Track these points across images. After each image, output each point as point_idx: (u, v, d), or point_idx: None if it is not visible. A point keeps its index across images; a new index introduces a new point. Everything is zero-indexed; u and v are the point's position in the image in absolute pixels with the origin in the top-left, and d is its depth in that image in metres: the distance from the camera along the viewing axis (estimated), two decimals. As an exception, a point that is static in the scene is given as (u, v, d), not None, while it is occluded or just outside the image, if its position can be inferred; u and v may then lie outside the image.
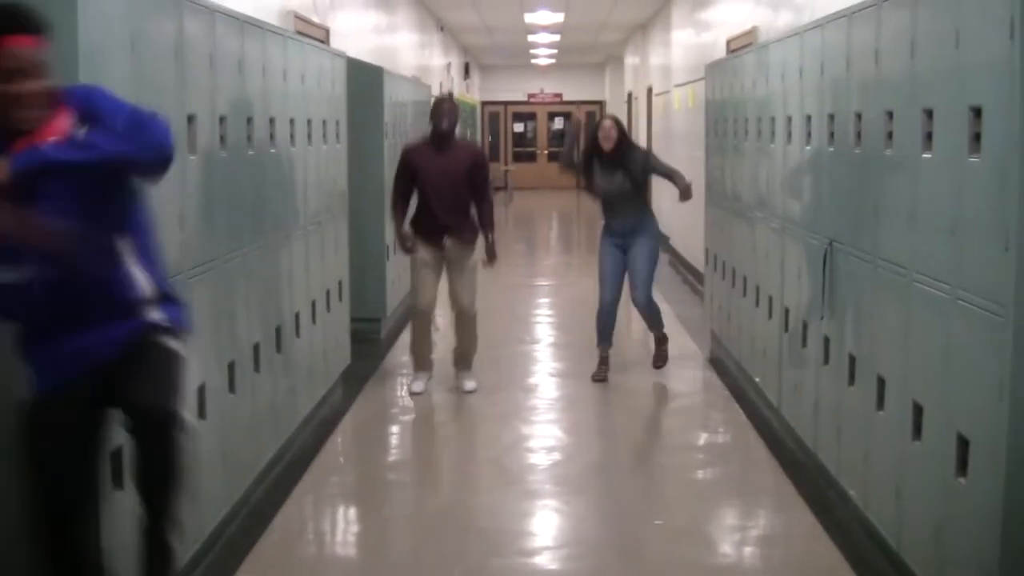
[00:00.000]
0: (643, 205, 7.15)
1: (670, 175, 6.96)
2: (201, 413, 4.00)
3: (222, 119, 4.32)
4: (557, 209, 22.46)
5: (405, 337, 7.53)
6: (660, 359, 7.33)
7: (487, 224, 6.67)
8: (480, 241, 6.70)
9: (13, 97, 2.72)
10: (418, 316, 6.78)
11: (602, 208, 7.09)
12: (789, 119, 5.55)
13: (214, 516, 4.18)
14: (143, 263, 2.97)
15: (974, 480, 3.24)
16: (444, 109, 6.59)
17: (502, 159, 27.52)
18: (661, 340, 7.33)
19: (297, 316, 5.49)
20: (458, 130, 6.78)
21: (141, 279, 2.96)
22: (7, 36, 2.70)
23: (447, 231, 6.58)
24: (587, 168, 7.03)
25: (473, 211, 6.65)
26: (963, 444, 3.28)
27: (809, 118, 5.16)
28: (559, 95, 28.01)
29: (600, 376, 7.14)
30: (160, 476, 2.93)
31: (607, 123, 6.94)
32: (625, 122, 19.83)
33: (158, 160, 2.87)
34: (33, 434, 2.91)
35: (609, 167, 6.90)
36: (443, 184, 6.51)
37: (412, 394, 6.76)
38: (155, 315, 2.99)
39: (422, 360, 6.86)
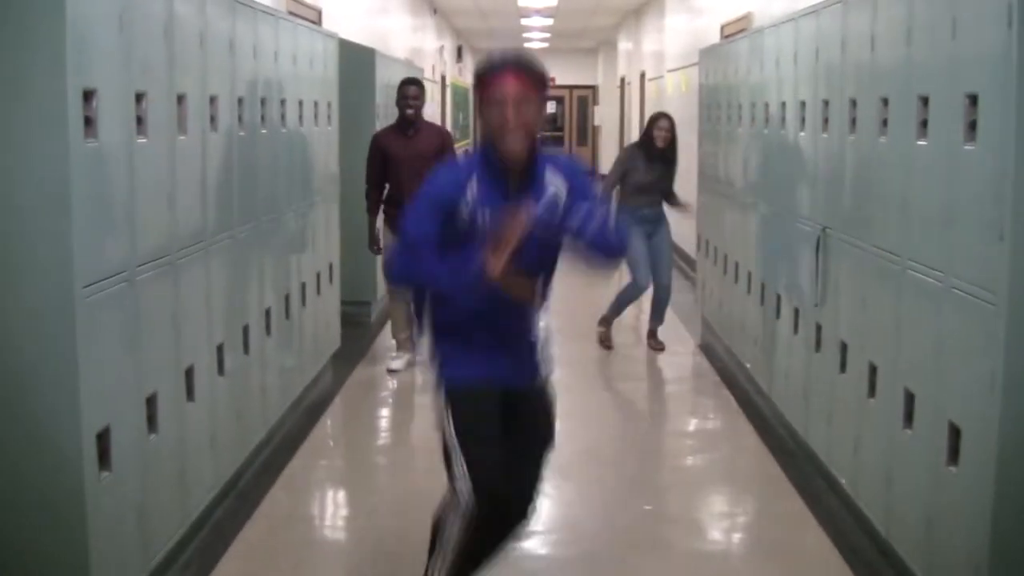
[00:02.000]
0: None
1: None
2: (190, 395, 3.98)
3: (212, 99, 4.28)
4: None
5: (395, 320, 7.53)
6: (659, 345, 7.71)
7: None
8: None
9: (511, 127, 2.97)
10: (395, 296, 6.84)
11: (633, 196, 7.47)
12: (783, 105, 5.52)
13: (201, 499, 4.16)
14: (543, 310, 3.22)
15: (965, 469, 3.23)
16: (409, 93, 6.72)
17: (494, 143, 27.43)
18: (654, 331, 7.77)
19: (287, 299, 5.46)
20: (428, 111, 6.85)
21: (541, 323, 3.22)
22: (511, 71, 2.98)
23: None
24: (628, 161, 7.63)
25: None
26: (955, 433, 3.27)
27: (803, 104, 5.13)
28: (552, 79, 27.87)
29: (606, 341, 7.70)
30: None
31: (664, 122, 7.52)
32: (617, 107, 19.67)
33: (612, 262, 3.20)
34: (461, 405, 3.15)
35: (659, 161, 7.47)
36: (414, 167, 6.50)
37: (389, 371, 6.85)
38: (544, 367, 3.27)
39: (403, 340, 6.91)
